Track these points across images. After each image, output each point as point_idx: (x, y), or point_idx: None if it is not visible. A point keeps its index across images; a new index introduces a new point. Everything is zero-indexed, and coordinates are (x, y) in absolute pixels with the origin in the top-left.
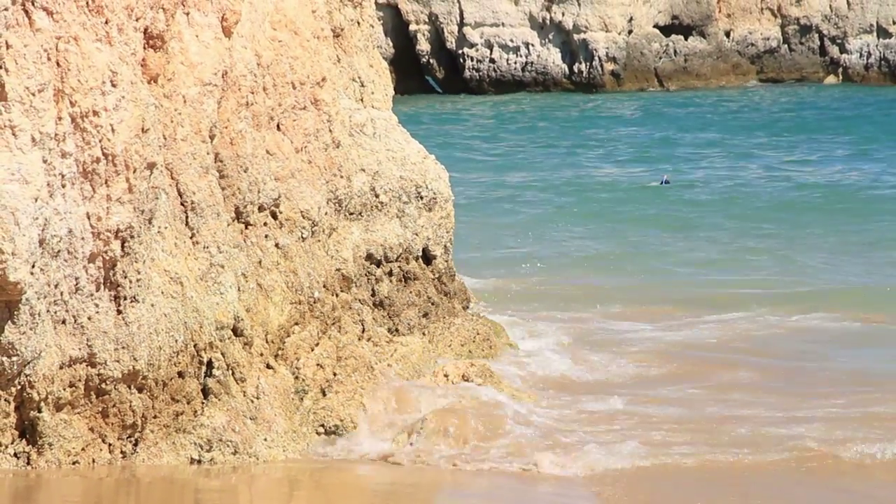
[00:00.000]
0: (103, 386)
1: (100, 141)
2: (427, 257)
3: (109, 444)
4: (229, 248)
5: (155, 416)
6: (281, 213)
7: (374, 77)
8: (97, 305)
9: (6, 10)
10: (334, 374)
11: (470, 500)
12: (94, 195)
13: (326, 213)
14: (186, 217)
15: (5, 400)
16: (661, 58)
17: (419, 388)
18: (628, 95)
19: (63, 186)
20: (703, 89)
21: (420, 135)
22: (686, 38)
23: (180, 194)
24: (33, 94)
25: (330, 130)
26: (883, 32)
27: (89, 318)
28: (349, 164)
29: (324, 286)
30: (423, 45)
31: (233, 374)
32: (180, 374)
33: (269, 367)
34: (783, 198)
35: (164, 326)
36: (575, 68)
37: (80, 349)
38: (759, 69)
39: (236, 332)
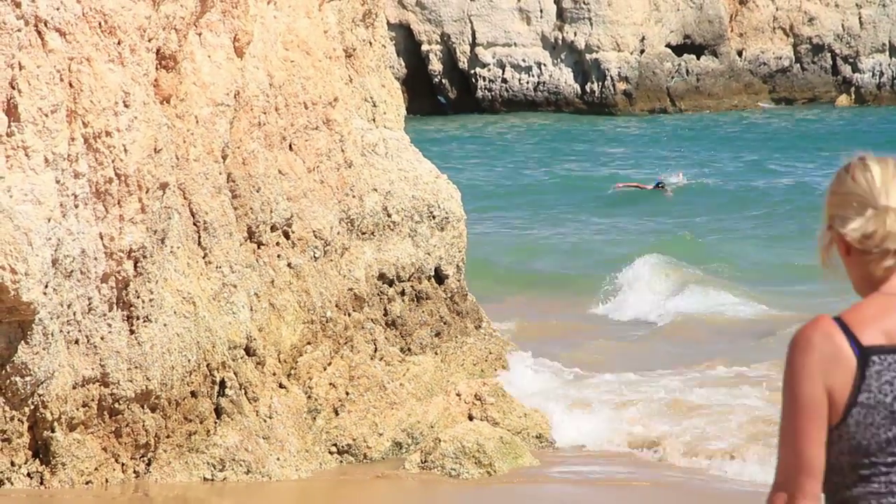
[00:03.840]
0: (116, 405)
1: (112, 161)
2: (439, 277)
3: (122, 464)
4: (242, 268)
5: (168, 436)
6: (293, 232)
7: (387, 97)
8: (110, 325)
9: (19, 31)
10: (347, 394)
11: None
12: (106, 215)
13: (339, 233)
14: (199, 237)
15: (19, 420)
16: (673, 77)
17: None
18: (646, 120)
19: (76, 207)
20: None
21: (432, 154)
22: (698, 58)
23: (193, 214)
24: (46, 115)
25: (342, 150)
26: (895, 52)
27: (102, 338)
28: (361, 184)
29: (336, 306)
30: (436, 65)
31: (245, 393)
32: (193, 394)
33: (281, 386)
34: None
35: (177, 346)
36: (587, 88)
37: (93, 369)
38: (772, 88)
39: (249, 351)
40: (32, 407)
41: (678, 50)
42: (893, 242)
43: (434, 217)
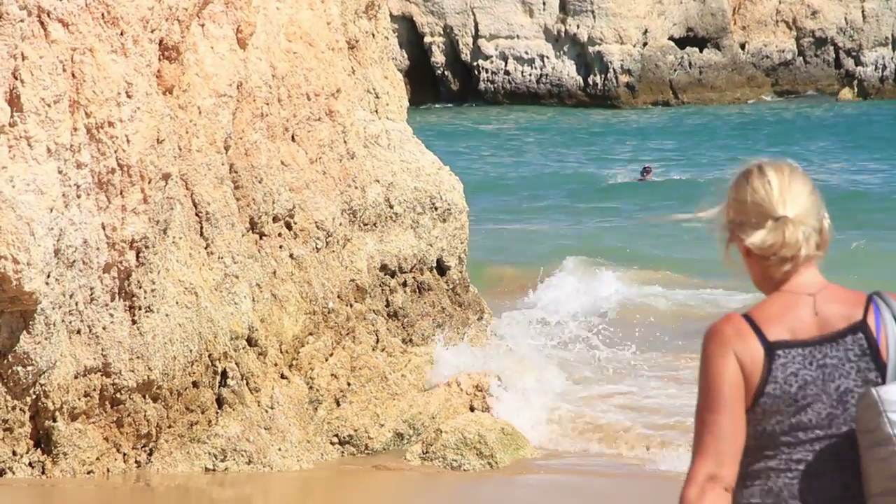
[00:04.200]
0: (118, 395)
1: (115, 152)
2: (441, 268)
3: (124, 454)
4: (244, 259)
5: (169, 426)
6: (295, 223)
7: (389, 88)
8: (112, 315)
9: (22, 21)
10: (348, 385)
11: None
12: (109, 206)
13: (341, 224)
14: (201, 227)
15: (20, 409)
16: (675, 70)
17: None
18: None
19: (78, 197)
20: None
21: (435, 146)
22: (701, 51)
23: (195, 205)
24: (49, 106)
25: (345, 141)
26: None
27: (104, 328)
28: (364, 175)
29: (338, 296)
30: (438, 57)
31: (247, 384)
32: (195, 384)
33: (283, 377)
34: None
35: (179, 336)
36: (590, 80)
37: (94, 359)
38: (774, 81)
39: (251, 342)
40: (34, 396)
41: (681, 43)
42: (790, 251)
43: (436, 208)
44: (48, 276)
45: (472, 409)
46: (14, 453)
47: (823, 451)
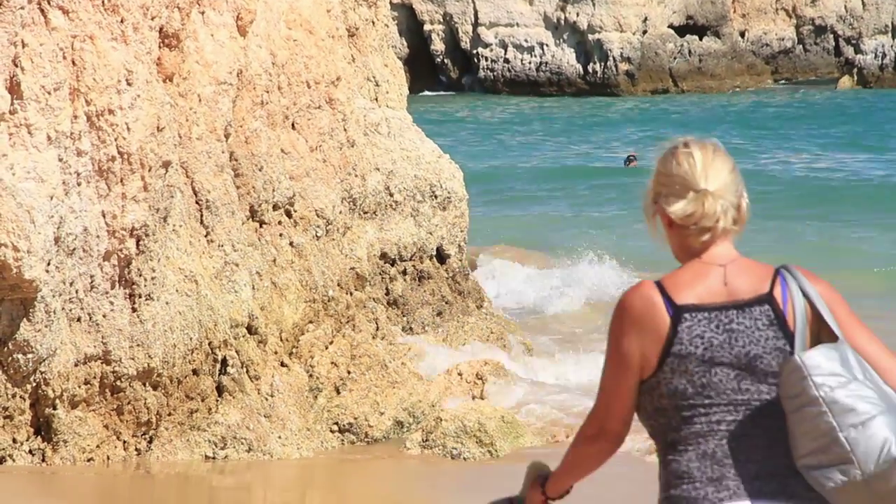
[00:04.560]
0: (118, 383)
1: (115, 139)
2: (441, 256)
3: (124, 442)
4: (244, 247)
5: (169, 414)
6: (295, 211)
7: (389, 76)
8: (112, 303)
9: (22, 9)
10: (348, 373)
11: None
12: (109, 193)
13: (341, 212)
14: (201, 215)
15: (21, 397)
16: (675, 58)
17: None
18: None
19: (78, 185)
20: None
21: (434, 134)
22: (701, 39)
23: (195, 193)
24: (49, 93)
25: (345, 129)
26: None
27: (104, 316)
28: (364, 163)
29: (338, 285)
30: (438, 45)
31: (247, 371)
32: (195, 372)
33: (283, 365)
34: None
35: (179, 324)
36: (589, 68)
37: (95, 347)
38: (774, 69)
39: (251, 330)
40: (34, 384)
41: (681, 31)
42: (709, 221)
43: (436, 197)
44: (48, 264)
45: (472, 397)
46: (14, 441)
47: (740, 414)
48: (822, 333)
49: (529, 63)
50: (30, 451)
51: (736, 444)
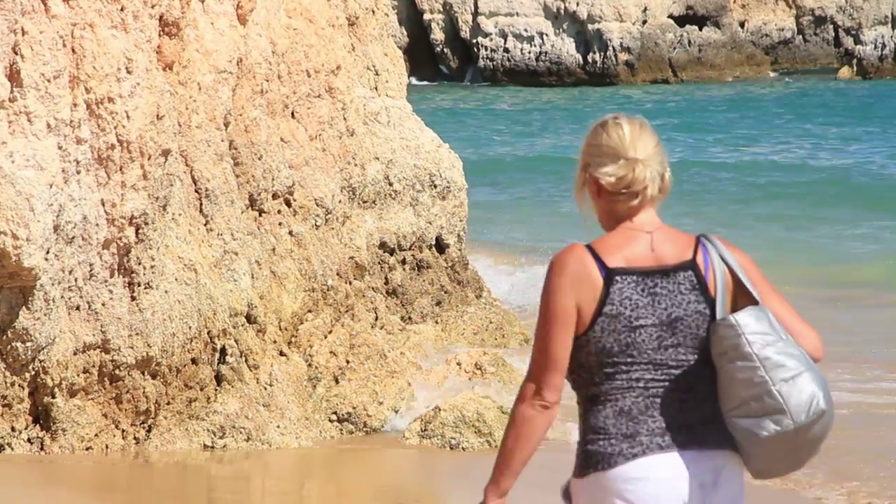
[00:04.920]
0: (117, 372)
1: (115, 128)
2: (440, 246)
3: (123, 430)
4: (243, 236)
5: (168, 403)
6: (295, 200)
7: (389, 66)
8: (111, 292)
9: None
10: (347, 362)
11: None
12: (108, 182)
13: (340, 201)
14: (201, 204)
15: (19, 385)
16: (675, 48)
17: None
18: (648, 91)
19: (78, 173)
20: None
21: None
22: (700, 29)
23: (195, 181)
24: (49, 81)
25: (344, 119)
26: None
27: (103, 305)
28: (363, 153)
29: (337, 274)
30: (438, 35)
31: (246, 361)
32: (194, 361)
33: (282, 354)
34: None
35: (178, 313)
36: (589, 58)
37: (94, 335)
38: (774, 60)
39: (250, 319)
40: (33, 373)
41: (680, 21)
42: (639, 185)
43: (435, 186)
44: (47, 252)
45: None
46: (13, 429)
47: (659, 372)
48: (738, 299)
49: (529, 53)
50: (28, 440)
51: (651, 401)
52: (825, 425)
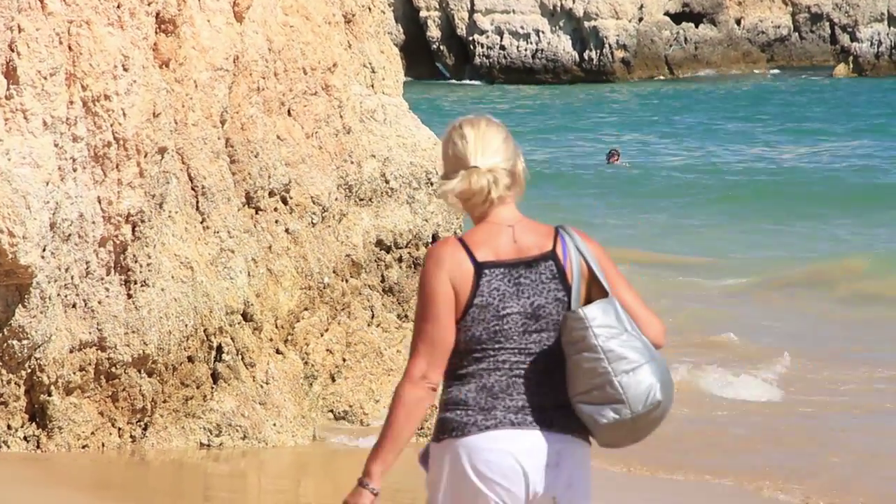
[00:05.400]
0: (113, 370)
1: (111, 125)
2: None
3: (119, 428)
4: (239, 233)
5: (164, 401)
6: (291, 198)
7: (385, 63)
8: (107, 289)
9: None
10: (343, 360)
11: None
12: (105, 179)
13: (336, 199)
14: (197, 202)
15: (15, 383)
16: (671, 45)
17: None
18: (643, 88)
19: (74, 170)
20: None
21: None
22: (697, 26)
23: (191, 179)
24: (45, 78)
25: (341, 116)
26: (894, 21)
27: (99, 302)
28: (359, 150)
29: (333, 272)
30: (434, 32)
31: (242, 359)
32: (190, 359)
33: (278, 352)
34: None
35: (175, 311)
36: (585, 56)
37: (90, 333)
38: (770, 57)
39: (246, 317)
40: (29, 370)
41: (677, 18)
42: (480, 195)
43: (432, 184)
44: (44, 250)
45: None
46: (9, 427)
47: (522, 356)
48: (592, 287)
49: (525, 50)
50: (24, 438)
51: (512, 381)
52: (663, 410)
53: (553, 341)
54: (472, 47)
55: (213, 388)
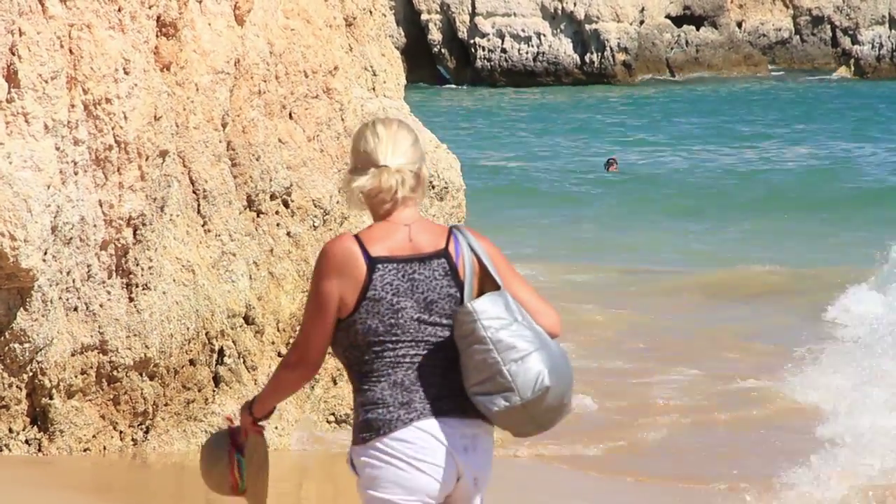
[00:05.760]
0: (115, 373)
1: (112, 128)
2: None
3: (121, 432)
4: (241, 237)
5: (166, 404)
6: (293, 201)
7: (386, 66)
8: (109, 293)
9: None
10: None
11: None
12: (106, 183)
13: (338, 202)
14: (198, 205)
15: (17, 387)
16: (672, 48)
17: None
18: (643, 91)
19: (75, 174)
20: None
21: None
22: (698, 29)
23: (192, 182)
24: (46, 82)
25: (342, 119)
26: (895, 24)
27: (101, 306)
28: None
29: None
30: (435, 35)
31: (244, 362)
32: (192, 362)
33: (280, 355)
34: None
35: (176, 314)
36: (586, 58)
37: (91, 336)
38: (771, 60)
39: (248, 320)
40: (31, 374)
41: (678, 21)
42: (388, 193)
43: (433, 187)
44: (45, 253)
45: None
46: (10, 430)
47: (421, 348)
48: (485, 282)
49: (527, 53)
50: (26, 441)
51: (419, 373)
52: (558, 395)
53: (449, 334)
54: (473, 50)
55: (214, 391)
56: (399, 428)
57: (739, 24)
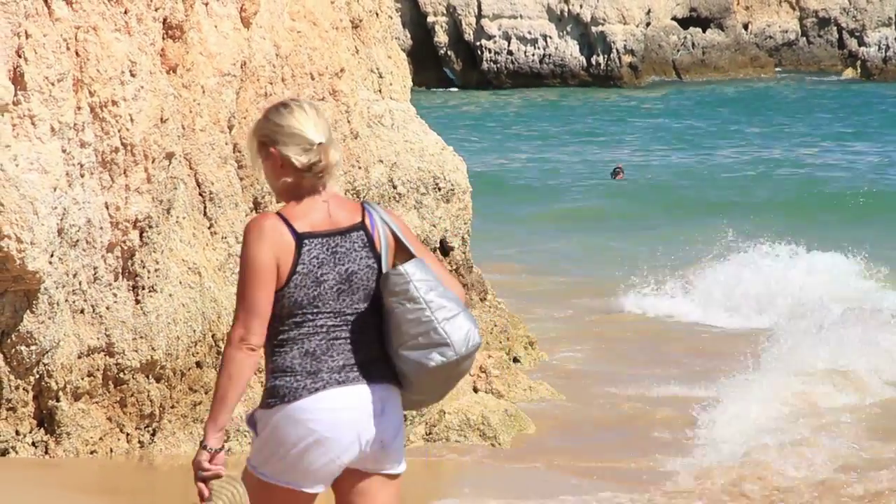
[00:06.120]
0: (121, 375)
1: (119, 131)
2: (444, 249)
3: (127, 434)
4: None
5: (173, 406)
6: None
7: (393, 68)
8: (115, 295)
9: None
10: None
11: None
12: (112, 185)
13: None
14: (205, 207)
15: (24, 389)
16: (679, 50)
17: None
18: (651, 93)
19: (82, 176)
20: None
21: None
22: (704, 31)
23: (199, 184)
24: (52, 84)
25: (348, 121)
26: None
27: (108, 308)
28: (367, 156)
29: None
30: (441, 37)
31: None
32: (198, 364)
33: None
34: None
35: (183, 316)
36: (593, 61)
37: (98, 339)
38: (778, 62)
39: None
40: (38, 376)
41: (684, 23)
42: (316, 169)
43: (440, 189)
44: (52, 256)
45: (475, 390)
46: (17, 433)
47: (338, 319)
48: (399, 254)
49: (533, 55)
50: (33, 443)
51: (331, 343)
52: (474, 358)
53: (364, 304)
54: (479, 52)
55: None
56: (304, 396)
57: (746, 26)
